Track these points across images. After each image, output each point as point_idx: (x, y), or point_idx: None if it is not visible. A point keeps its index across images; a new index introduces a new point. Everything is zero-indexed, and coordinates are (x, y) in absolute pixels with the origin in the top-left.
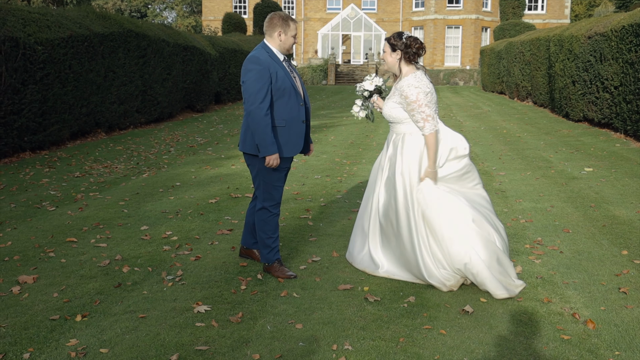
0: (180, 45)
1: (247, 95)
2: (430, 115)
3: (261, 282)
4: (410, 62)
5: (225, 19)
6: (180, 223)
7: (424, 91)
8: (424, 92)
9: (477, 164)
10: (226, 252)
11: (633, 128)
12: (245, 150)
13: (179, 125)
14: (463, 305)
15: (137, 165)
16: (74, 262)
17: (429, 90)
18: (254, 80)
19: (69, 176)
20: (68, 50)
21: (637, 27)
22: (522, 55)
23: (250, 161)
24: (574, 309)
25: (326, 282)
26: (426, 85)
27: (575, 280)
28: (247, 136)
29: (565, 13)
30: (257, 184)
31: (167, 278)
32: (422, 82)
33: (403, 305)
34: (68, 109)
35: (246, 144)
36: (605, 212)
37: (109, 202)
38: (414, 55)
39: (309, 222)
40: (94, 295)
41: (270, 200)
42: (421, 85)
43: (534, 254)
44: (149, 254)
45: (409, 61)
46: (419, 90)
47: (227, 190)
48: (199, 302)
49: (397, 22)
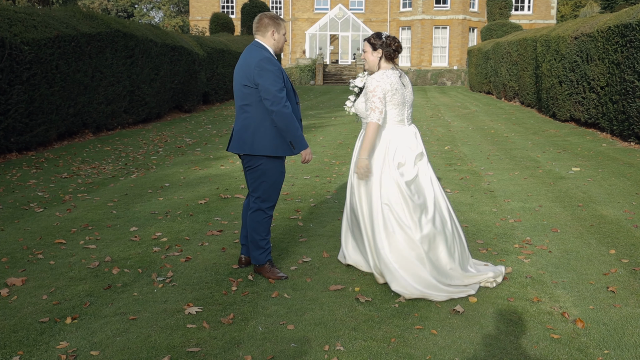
0: (168, 46)
1: (270, 96)
2: (378, 108)
3: (252, 283)
4: (389, 60)
5: (212, 19)
6: (170, 224)
7: (382, 87)
8: (381, 87)
9: (466, 164)
10: (216, 253)
11: (619, 128)
12: (249, 152)
13: (167, 126)
14: (454, 305)
15: (126, 166)
16: (63, 264)
17: (390, 88)
18: (273, 81)
19: (56, 177)
20: (55, 51)
21: (623, 27)
22: (509, 56)
23: (253, 163)
24: (563, 308)
25: (317, 283)
26: (388, 83)
27: (564, 279)
28: (251, 137)
29: (551, 14)
30: (257, 186)
31: (157, 279)
32: (386, 79)
33: (394, 305)
34: (55, 110)
35: (251, 146)
36: (592, 211)
37: (98, 203)
38: (393, 52)
39: (299, 223)
40: (84, 297)
41: (269, 201)
42: (382, 81)
43: (523, 253)
44: (138, 255)
45: (388, 59)
46: (378, 84)
47: (216, 191)
48: (189, 303)
49: (384, 22)
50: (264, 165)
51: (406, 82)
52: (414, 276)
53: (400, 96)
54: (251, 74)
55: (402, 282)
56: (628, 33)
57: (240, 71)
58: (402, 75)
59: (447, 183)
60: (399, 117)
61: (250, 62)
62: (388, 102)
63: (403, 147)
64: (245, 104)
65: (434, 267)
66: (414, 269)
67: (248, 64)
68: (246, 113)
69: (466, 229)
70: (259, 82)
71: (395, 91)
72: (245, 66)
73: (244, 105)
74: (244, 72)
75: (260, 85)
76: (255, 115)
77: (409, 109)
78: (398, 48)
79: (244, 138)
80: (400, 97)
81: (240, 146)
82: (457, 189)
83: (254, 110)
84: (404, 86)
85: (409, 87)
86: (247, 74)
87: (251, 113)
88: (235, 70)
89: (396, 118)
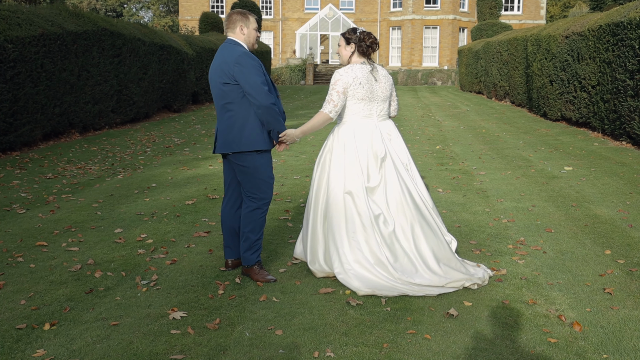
0: (156, 45)
1: (254, 91)
2: (333, 101)
3: (239, 287)
4: (363, 55)
5: (202, 19)
6: (156, 225)
7: (343, 80)
8: (343, 80)
9: (457, 164)
10: (203, 255)
11: (610, 127)
12: (237, 150)
13: (156, 126)
14: (447, 308)
15: (112, 166)
16: (44, 267)
17: (352, 82)
18: (255, 75)
19: (40, 178)
20: (40, 49)
21: (614, 26)
22: (499, 55)
23: (244, 161)
24: (559, 311)
25: (306, 286)
26: (351, 77)
27: (559, 281)
28: (238, 134)
29: (541, 14)
30: (252, 184)
31: (141, 283)
32: (350, 73)
33: (386, 309)
34: (40, 109)
35: (239, 143)
36: (586, 211)
37: (82, 204)
38: (367, 48)
39: (289, 224)
40: (64, 302)
41: (264, 198)
42: (345, 74)
43: (518, 254)
44: (122, 257)
45: (361, 54)
46: (340, 78)
47: (204, 192)
48: (174, 308)
49: (375, 22)
50: (255, 161)
51: (380, 76)
52: (366, 279)
53: (366, 91)
54: (230, 71)
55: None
56: (619, 32)
57: (218, 70)
58: (375, 70)
59: (439, 183)
60: (366, 111)
61: (229, 59)
62: (350, 96)
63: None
64: (227, 102)
65: (392, 266)
66: (370, 269)
67: (226, 61)
68: (230, 112)
69: (459, 229)
70: (239, 78)
71: (359, 85)
72: (224, 64)
73: (226, 104)
74: (222, 70)
75: (241, 81)
76: (239, 112)
77: (382, 104)
78: (372, 44)
79: (230, 137)
80: (366, 91)
81: (228, 145)
82: (449, 189)
83: (237, 107)
84: (375, 80)
85: (382, 83)
86: (225, 72)
87: (235, 111)
88: (211, 70)
89: (362, 113)
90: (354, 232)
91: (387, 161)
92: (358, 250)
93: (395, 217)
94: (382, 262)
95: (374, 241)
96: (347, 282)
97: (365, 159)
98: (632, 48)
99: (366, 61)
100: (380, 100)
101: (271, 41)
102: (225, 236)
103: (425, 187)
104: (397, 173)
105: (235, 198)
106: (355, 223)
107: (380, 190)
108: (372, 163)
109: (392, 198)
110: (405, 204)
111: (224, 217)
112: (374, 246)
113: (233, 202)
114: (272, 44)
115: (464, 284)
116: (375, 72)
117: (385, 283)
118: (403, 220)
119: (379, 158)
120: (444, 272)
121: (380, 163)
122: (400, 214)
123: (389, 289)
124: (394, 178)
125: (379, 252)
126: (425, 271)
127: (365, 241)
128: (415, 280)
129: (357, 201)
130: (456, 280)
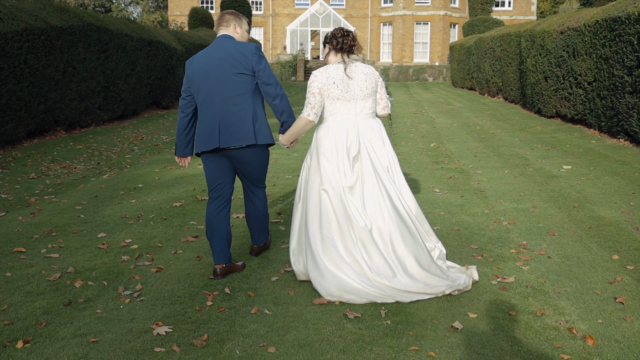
0: (144, 40)
1: (273, 80)
2: (310, 104)
3: (229, 297)
4: (339, 52)
5: (191, 14)
6: (142, 229)
7: (318, 81)
8: (318, 81)
9: (453, 162)
10: (191, 262)
11: (607, 124)
12: (252, 142)
13: (144, 123)
14: (451, 320)
15: (98, 165)
16: (21, 276)
17: (326, 82)
18: (269, 66)
19: (23, 178)
20: (23, 44)
21: (612, 21)
22: (492, 51)
23: (254, 154)
24: (569, 323)
25: (301, 296)
26: (324, 77)
27: (567, 289)
28: (252, 127)
29: (531, 9)
30: (261, 175)
31: (124, 293)
32: (324, 73)
33: (386, 322)
34: (24, 106)
35: (254, 136)
36: (589, 212)
37: (65, 206)
38: (338, 43)
39: (281, 227)
40: (40, 316)
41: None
42: (319, 75)
43: (521, 259)
44: (105, 265)
45: (338, 52)
46: (314, 79)
47: (192, 193)
48: (159, 322)
49: (365, 17)
50: (265, 153)
51: (355, 74)
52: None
53: (341, 90)
54: (248, 61)
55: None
56: (617, 27)
57: (230, 61)
58: (349, 68)
59: (436, 182)
60: (344, 111)
61: (243, 50)
62: (326, 96)
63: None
64: (239, 94)
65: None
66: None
67: (240, 52)
68: (240, 104)
69: (458, 232)
70: (260, 68)
71: (333, 85)
72: (238, 54)
73: (237, 95)
74: (236, 60)
75: (262, 70)
76: (252, 104)
77: (362, 103)
78: (343, 37)
79: (243, 130)
80: (341, 91)
81: (240, 138)
82: (446, 189)
83: (249, 99)
84: (349, 79)
85: (358, 80)
86: (241, 62)
87: (246, 103)
88: (212, 62)
89: (339, 112)
90: (329, 229)
91: (364, 161)
92: (332, 248)
93: (372, 219)
94: (357, 261)
95: (350, 239)
96: (317, 282)
97: (341, 157)
98: (631, 43)
99: (344, 60)
100: (360, 99)
101: (261, 37)
102: (216, 241)
103: (409, 190)
104: (376, 174)
105: (223, 199)
106: (330, 220)
107: (357, 189)
108: (346, 162)
109: (369, 199)
110: (384, 206)
111: (215, 221)
112: (349, 244)
113: (221, 203)
114: (262, 39)
115: (444, 290)
116: (350, 70)
117: (358, 286)
118: (380, 222)
119: (351, 157)
120: (422, 278)
121: (353, 162)
122: (377, 216)
123: (359, 294)
124: (372, 179)
125: (354, 250)
126: (402, 275)
127: (341, 239)
128: (392, 283)
129: (333, 198)
130: (434, 287)
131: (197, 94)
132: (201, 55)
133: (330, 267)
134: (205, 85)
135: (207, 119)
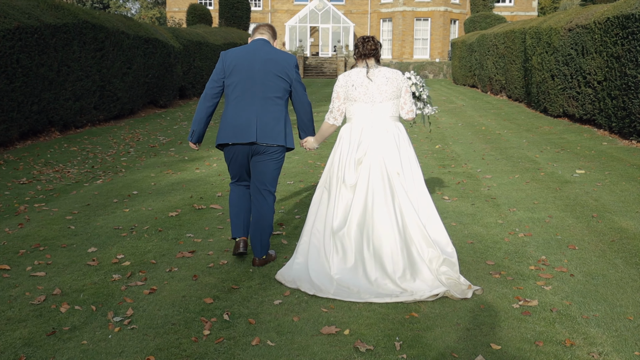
0: (141, 38)
1: (304, 90)
2: (334, 107)
3: (228, 325)
4: (363, 58)
5: (189, 11)
6: (135, 243)
7: (339, 85)
8: (339, 85)
9: (460, 165)
10: (187, 283)
11: (619, 125)
12: (282, 144)
13: (141, 122)
14: (473, 354)
15: (92, 169)
16: (2, 299)
17: (345, 84)
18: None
19: (13, 183)
20: (15, 43)
21: (624, 18)
22: (495, 48)
23: (277, 155)
24: (603, 355)
25: (306, 323)
26: (344, 81)
27: (596, 313)
28: (283, 129)
29: (532, 6)
30: (271, 178)
31: (113, 320)
32: (347, 76)
33: (401, 356)
34: (17, 107)
35: (284, 138)
36: (610, 223)
37: (55, 216)
38: (359, 50)
39: (283, 241)
40: (20, 348)
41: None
42: (342, 78)
43: (542, 278)
44: (94, 285)
45: (359, 58)
46: (337, 82)
47: (189, 200)
48: (150, 356)
49: (365, 14)
50: (284, 157)
51: (376, 77)
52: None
53: (360, 93)
54: (289, 71)
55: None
56: (630, 24)
57: (272, 64)
58: (370, 71)
59: (444, 188)
60: (363, 112)
61: (288, 59)
62: (347, 98)
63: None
64: (278, 95)
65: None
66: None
67: (286, 60)
68: (277, 106)
69: (472, 245)
70: (296, 79)
71: (352, 87)
72: (283, 62)
73: (276, 97)
74: (281, 66)
75: (296, 81)
76: (284, 108)
77: (381, 105)
78: (364, 44)
79: (277, 130)
80: (359, 93)
81: (274, 137)
82: (455, 196)
83: (284, 103)
84: (370, 81)
85: (378, 83)
86: (285, 68)
87: (281, 106)
88: (257, 61)
89: (358, 114)
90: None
91: (373, 164)
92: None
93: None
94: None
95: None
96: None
97: (351, 157)
98: None
99: (367, 64)
100: (378, 101)
101: None
102: (242, 216)
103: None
104: (382, 178)
105: (247, 183)
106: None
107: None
108: (352, 162)
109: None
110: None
111: (243, 198)
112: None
113: (244, 186)
114: None
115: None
116: (372, 73)
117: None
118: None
119: (357, 158)
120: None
121: (357, 163)
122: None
123: (312, 285)
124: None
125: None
126: (362, 276)
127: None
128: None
129: (330, 197)
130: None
131: (234, 86)
132: (241, 51)
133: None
134: (245, 80)
135: (243, 113)
